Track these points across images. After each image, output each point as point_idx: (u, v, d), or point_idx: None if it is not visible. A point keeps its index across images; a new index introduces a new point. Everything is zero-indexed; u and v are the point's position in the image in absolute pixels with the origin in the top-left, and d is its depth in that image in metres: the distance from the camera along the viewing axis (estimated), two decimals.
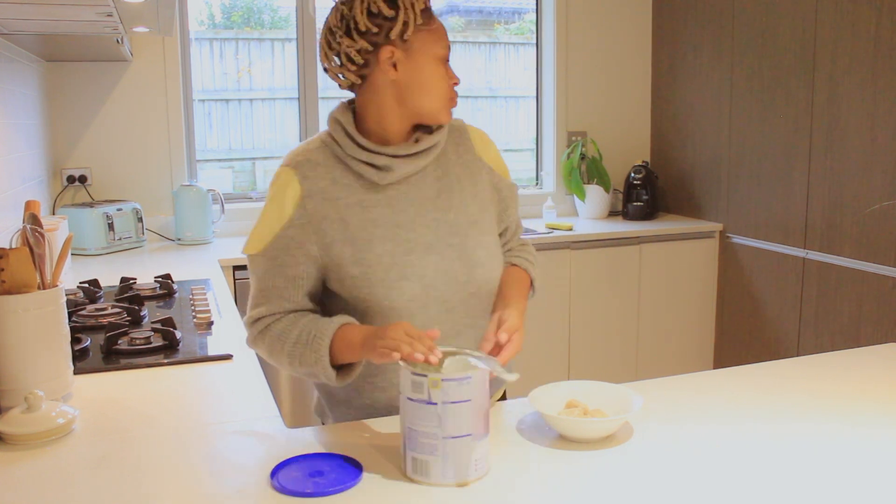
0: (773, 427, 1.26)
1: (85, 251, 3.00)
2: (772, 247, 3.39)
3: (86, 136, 3.31)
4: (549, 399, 1.28)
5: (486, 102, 4.19)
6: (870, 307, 2.92)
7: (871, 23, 2.83)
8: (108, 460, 1.16)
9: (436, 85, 1.29)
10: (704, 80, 3.71)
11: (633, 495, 1.03)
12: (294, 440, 1.22)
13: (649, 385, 1.48)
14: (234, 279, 2.99)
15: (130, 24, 2.19)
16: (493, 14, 4.21)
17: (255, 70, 3.77)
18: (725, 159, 3.62)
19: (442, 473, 1.06)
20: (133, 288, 2.30)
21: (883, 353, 1.67)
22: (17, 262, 1.29)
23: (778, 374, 1.53)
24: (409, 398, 1.06)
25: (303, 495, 1.03)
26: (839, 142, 3.00)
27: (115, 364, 1.62)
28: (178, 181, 3.44)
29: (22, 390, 1.28)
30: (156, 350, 1.69)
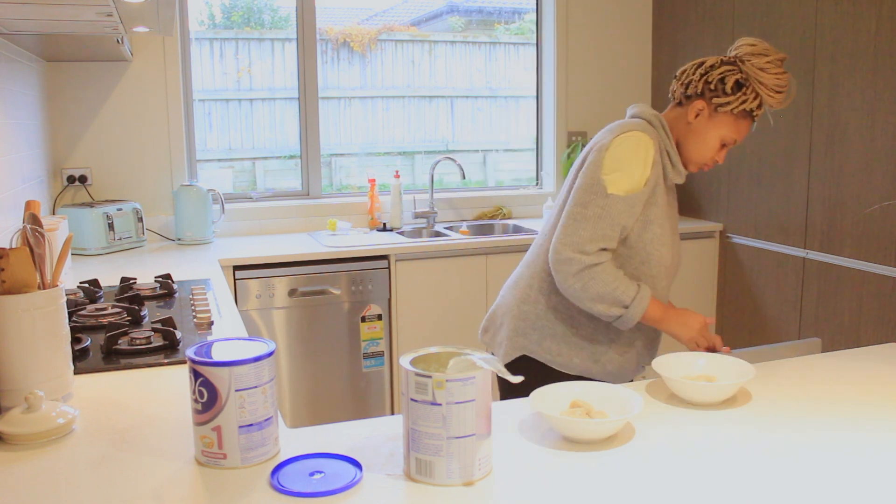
0: (773, 427, 1.26)
1: (85, 251, 3.00)
2: (772, 247, 3.39)
3: (86, 136, 3.31)
4: (552, 400, 1.28)
5: (486, 102, 4.20)
6: (870, 307, 2.92)
7: (871, 23, 2.83)
8: (108, 460, 1.15)
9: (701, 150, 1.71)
10: None
11: (635, 496, 1.03)
12: (294, 440, 1.22)
13: (650, 386, 1.48)
14: (234, 279, 2.99)
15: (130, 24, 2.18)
16: (493, 14, 4.21)
17: (255, 70, 3.77)
18: (725, 159, 3.62)
19: (447, 473, 1.06)
20: (133, 288, 2.30)
21: (883, 353, 1.67)
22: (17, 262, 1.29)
23: (778, 374, 1.53)
24: (412, 399, 1.06)
25: (303, 495, 1.03)
26: (839, 142, 3.00)
27: (115, 364, 1.61)
28: (178, 181, 3.44)
29: (22, 390, 1.27)
30: (156, 350, 1.69)
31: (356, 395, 3.25)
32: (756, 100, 1.65)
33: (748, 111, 1.66)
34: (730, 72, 1.66)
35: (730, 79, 1.65)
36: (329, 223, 3.57)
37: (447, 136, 4.15)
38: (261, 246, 3.25)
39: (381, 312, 3.22)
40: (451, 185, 4.08)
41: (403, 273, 3.23)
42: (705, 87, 1.68)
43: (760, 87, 1.65)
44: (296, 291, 3.09)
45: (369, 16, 4.07)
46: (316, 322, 3.14)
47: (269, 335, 3.07)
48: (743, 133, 1.69)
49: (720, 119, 1.68)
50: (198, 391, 1.10)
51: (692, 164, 1.74)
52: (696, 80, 1.69)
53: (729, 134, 1.68)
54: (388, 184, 3.92)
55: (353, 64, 3.93)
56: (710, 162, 1.72)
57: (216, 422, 1.10)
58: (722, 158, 1.72)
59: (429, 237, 3.67)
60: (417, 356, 1.11)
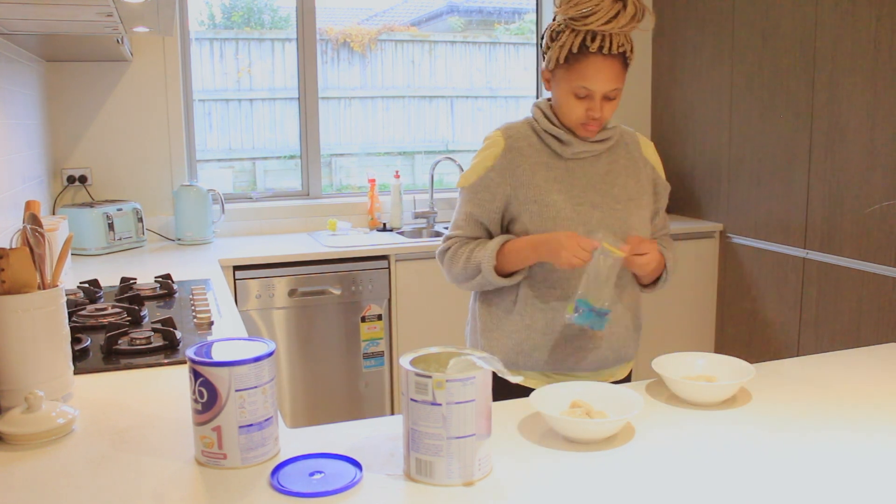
0: (773, 427, 1.26)
1: (85, 251, 3.00)
2: (772, 247, 3.39)
3: (86, 136, 3.31)
4: (552, 400, 1.28)
5: (486, 102, 4.19)
6: (870, 307, 2.92)
7: (871, 23, 2.83)
8: (108, 460, 1.15)
9: (566, 112, 1.62)
10: (704, 80, 3.71)
11: (635, 496, 1.03)
12: (294, 440, 1.22)
13: (650, 386, 1.48)
14: (235, 279, 2.99)
15: (130, 24, 2.18)
16: (493, 14, 4.21)
17: (255, 70, 3.76)
18: (725, 159, 3.62)
19: (447, 474, 1.06)
20: (133, 288, 2.30)
21: (883, 353, 1.67)
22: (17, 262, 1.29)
23: (778, 374, 1.53)
24: (412, 399, 1.06)
25: (303, 495, 1.03)
26: (839, 142, 3.00)
27: (115, 364, 1.61)
28: (178, 181, 3.44)
29: (22, 390, 1.27)
30: (156, 350, 1.69)
31: (356, 395, 3.25)
32: (576, 38, 1.54)
33: (576, 53, 1.54)
34: (549, 27, 1.62)
35: (547, 34, 1.62)
36: (329, 223, 3.57)
37: (447, 136, 4.15)
38: (261, 246, 3.25)
39: (380, 312, 3.22)
40: (451, 185, 4.08)
41: (403, 273, 3.23)
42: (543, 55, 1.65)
43: (571, 23, 1.54)
44: (296, 291, 3.09)
45: (369, 16, 4.07)
46: (316, 322, 3.14)
47: (269, 335, 3.07)
48: (589, 75, 1.55)
49: (559, 75, 1.60)
50: (198, 391, 1.10)
51: (574, 129, 1.63)
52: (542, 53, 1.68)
53: (573, 83, 1.57)
54: (388, 184, 3.92)
55: (353, 64, 3.93)
56: (584, 118, 1.60)
57: (216, 422, 1.10)
58: (597, 110, 1.58)
59: (429, 237, 3.67)
60: (417, 356, 1.11)
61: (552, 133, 1.65)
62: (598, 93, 1.57)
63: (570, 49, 1.55)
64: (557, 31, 1.58)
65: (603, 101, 1.58)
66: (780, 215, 3.32)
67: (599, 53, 1.53)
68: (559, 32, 1.58)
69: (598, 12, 1.51)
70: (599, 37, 1.53)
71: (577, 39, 1.54)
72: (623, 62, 1.57)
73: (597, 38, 1.53)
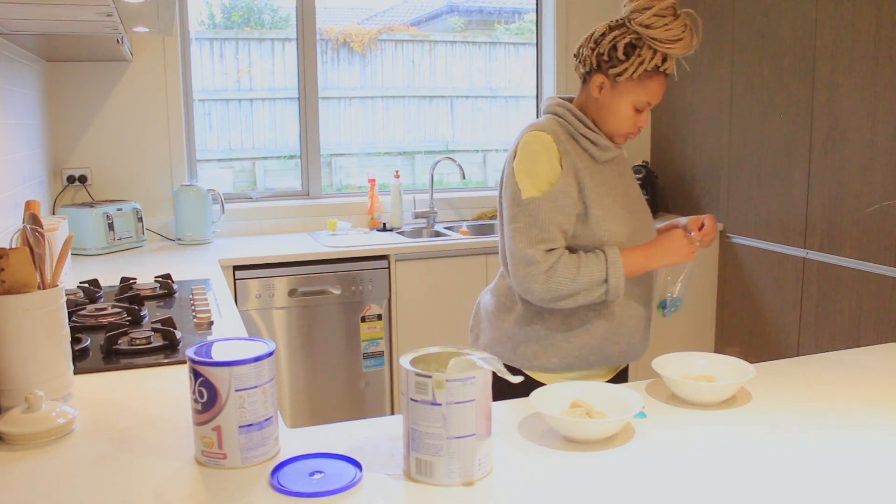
0: (773, 427, 1.26)
1: (85, 251, 3.00)
2: (772, 247, 3.39)
3: (86, 136, 3.31)
4: (552, 400, 1.28)
5: (486, 102, 4.20)
6: (870, 307, 2.92)
7: (871, 23, 2.83)
8: (108, 460, 1.15)
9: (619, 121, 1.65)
10: (704, 80, 3.71)
11: (635, 496, 1.03)
12: (294, 440, 1.22)
13: (650, 386, 1.48)
14: (234, 279, 2.99)
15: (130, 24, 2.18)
16: (493, 14, 4.21)
17: (255, 70, 3.76)
18: (725, 159, 3.62)
19: (447, 473, 1.06)
20: (133, 288, 2.30)
21: (883, 353, 1.66)
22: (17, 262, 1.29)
23: (778, 374, 1.53)
24: (412, 399, 1.06)
25: (303, 495, 1.03)
26: (839, 142, 3.00)
27: (115, 364, 1.61)
28: (178, 181, 3.44)
29: (22, 390, 1.27)
30: (156, 350, 1.69)
31: (356, 395, 3.25)
32: (654, 57, 1.57)
33: (651, 70, 1.59)
34: (619, 37, 1.60)
35: (620, 44, 1.59)
36: (329, 223, 3.57)
37: (447, 136, 4.15)
38: (261, 246, 3.25)
39: (380, 312, 3.22)
40: (451, 185, 4.08)
41: (403, 273, 3.23)
42: (599, 59, 1.62)
43: (654, 42, 1.56)
44: (296, 291, 3.09)
45: (369, 16, 4.07)
46: (316, 322, 3.14)
47: (269, 335, 3.07)
48: (655, 92, 1.62)
49: (623, 87, 1.61)
50: (198, 391, 1.10)
51: (616, 136, 1.68)
52: (590, 55, 1.64)
53: (639, 98, 1.61)
54: (388, 184, 3.92)
55: (353, 64, 3.93)
56: (633, 129, 1.66)
57: (216, 422, 1.10)
58: (645, 122, 1.66)
59: (429, 237, 3.67)
60: (417, 356, 1.11)
61: (591, 138, 1.65)
62: (652, 106, 1.65)
63: (647, 66, 1.58)
64: (634, 45, 1.58)
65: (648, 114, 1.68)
66: (780, 215, 3.32)
67: (664, 73, 1.61)
68: (636, 47, 1.58)
69: (683, 39, 1.57)
70: (671, 59, 1.59)
71: (655, 58, 1.58)
72: None
73: (668, 60, 1.59)
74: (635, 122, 1.65)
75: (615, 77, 1.61)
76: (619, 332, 1.69)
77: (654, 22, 1.56)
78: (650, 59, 1.57)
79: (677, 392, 1.38)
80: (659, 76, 1.60)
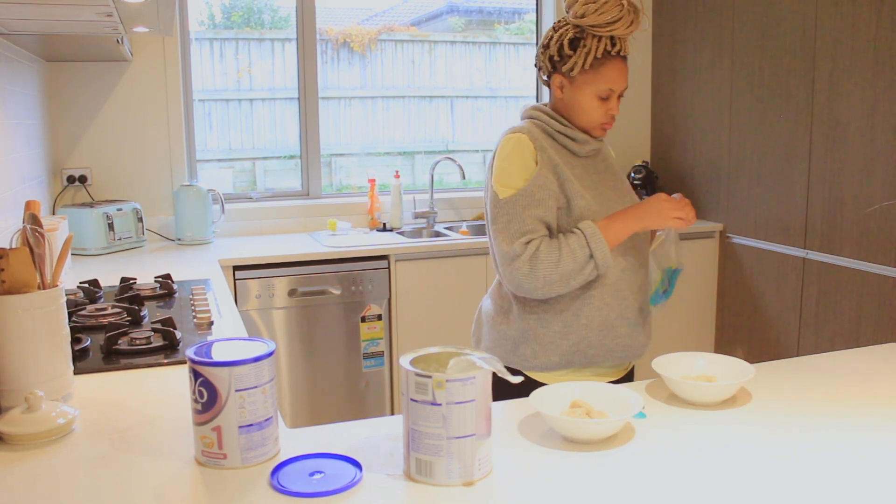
0: (773, 427, 1.26)
1: (85, 251, 3.00)
2: (772, 247, 3.39)
3: (86, 136, 3.31)
4: (552, 400, 1.28)
5: (486, 102, 4.19)
6: (870, 307, 2.92)
7: (871, 23, 2.83)
8: (108, 460, 1.15)
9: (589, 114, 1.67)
10: (704, 80, 3.71)
11: (635, 496, 1.03)
12: (294, 440, 1.22)
13: (650, 386, 1.48)
14: (234, 279, 2.99)
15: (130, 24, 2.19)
16: (493, 14, 4.21)
17: (255, 70, 3.76)
18: (725, 159, 3.62)
19: (447, 474, 1.06)
20: (133, 288, 2.30)
21: (883, 353, 1.67)
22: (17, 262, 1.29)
23: (778, 374, 1.53)
24: (412, 399, 1.06)
25: (303, 495, 1.03)
26: (839, 142, 3.00)
27: (115, 364, 1.61)
28: (178, 181, 3.44)
29: (22, 390, 1.27)
30: (156, 350, 1.69)
31: (356, 395, 3.25)
32: (600, 43, 1.61)
33: (601, 57, 1.62)
34: (562, 35, 1.64)
35: (564, 40, 1.64)
36: (329, 223, 3.57)
37: (447, 136, 4.15)
38: (261, 246, 3.25)
39: (380, 312, 3.22)
40: (451, 185, 4.08)
41: (403, 273, 3.23)
42: (552, 61, 1.67)
43: (594, 30, 1.60)
44: (296, 291, 3.09)
45: (369, 16, 4.07)
46: (316, 322, 3.14)
47: (269, 335, 3.07)
48: (613, 78, 1.64)
49: (580, 80, 1.65)
50: (198, 391, 1.10)
51: (592, 130, 1.70)
52: (543, 59, 1.69)
53: (598, 86, 1.64)
54: (388, 184, 3.92)
55: (353, 64, 3.93)
56: (605, 118, 1.68)
57: (216, 422, 1.10)
58: (615, 109, 1.67)
59: (429, 237, 3.67)
60: (417, 356, 1.11)
61: (567, 133, 1.69)
62: (617, 92, 1.66)
63: (595, 54, 1.61)
64: (577, 38, 1.62)
65: (617, 100, 1.68)
66: (780, 215, 3.32)
67: (618, 56, 1.63)
68: (579, 39, 1.62)
69: (622, 18, 1.59)
70: (619, 41, 1.62)
71: (601, 45, 1.61)
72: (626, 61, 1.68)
73: (617, 43, 1.61)
74: (605, 111, 1.67)
75: (569, 73, 1.65)
76: (616, 324, 1.68)
77: (587, 10, 1.60)
78: (596, 47, 1.61)
79: (677, 392, 1.38)
80: (612, 61, 1.63)
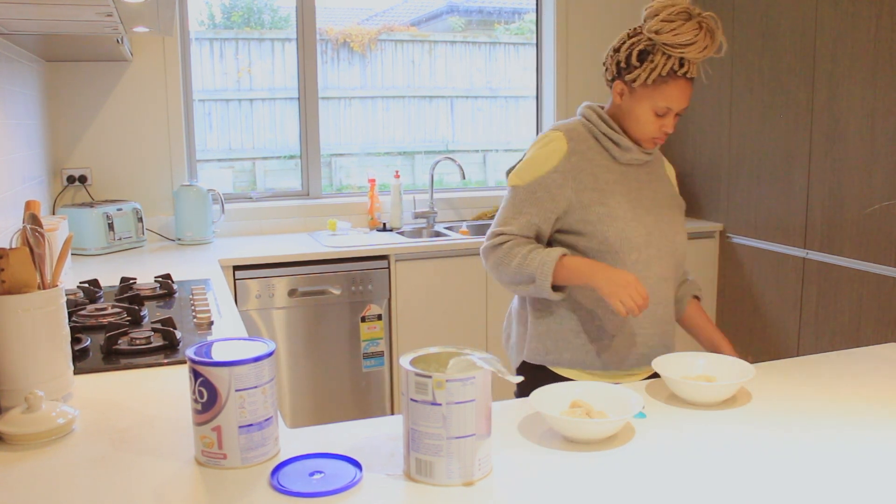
0: (773, 427, 1.26)
1: (85, 251, 3.00)
2: (772, 247, 3.39)
3: (86, 136, 3.31)
4: (552, 400, 1.28)
5: (486, 102, 4.19)
6: (870, 307, 2.92)
7: (871, 23, 2.83)
8: (108, 460, 1.15)
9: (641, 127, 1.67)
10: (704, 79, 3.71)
11: (635, 496, 1.03)
12: (294, 440, 1.22)
13: (650, 386, 1.48)
14: (234, 279, 2.99)
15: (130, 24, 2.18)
16: (493, 14, 4.21)
17: (255, 70, 3.76)
18: (725, 159, 3.62)
19: (447, 474, 1.06)
20: (133, 288, 2.30)
21: (883, 353, 1.67)
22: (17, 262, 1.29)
23: (778, 374, 1.53)
24: (412, 399, 1.06)
25: (303, 495, 1.03)
26: (839, 142, 3.00)
27: (115, 364, 1.61)
28: (178, 181, 3.44)
29: (22, 390, 1.27)
30: (156, 350, 1.69)
31: (356, 395, 3.25)
32: (668, 62, 1.59)
33: (666, 75, 1.60)
34: (635, 44, 1.63)
35: (634, 51, 1.62)
36: (329, 223, 3.57)
37: (447, 136, 4.15)
38: (261, 246, 3.24)
39: (380, 312, 3.22)
40: (451, 185, 4.08)
41: (403, 273, 3.23)
42: (618, 66, 1.66)
43: (666, 48, 1.59)
44: (296, 291, 3.09)
45: (369, 16, 4.07)
46: (316, 322, 3.14)
47: (269, 335, 3.07)
48: (674, 97, 1.62)
49: (640, 92, 1.64)
50: (198, 391, 1.10)
51: (643, 142, 1.70)
52: (611, 63, 1.68)
53: (658, 103, 1.63)
54: (388, 184, 3.92)
55: (353, 64, 3.93)
56: (658, 134, 1.67)
57: (216, 422, 1.10)
58: (671, 126, 1.66)
59: (429, 237, 3.67)
60: (417, 356, 1.11)
61: (612, 137, 1.68)
62: (675, 111, 1.65)
63: (661, 72, 1.60)
64: (647, 52, 1.61)
65: (674, 118, 1.67)
66: (780, 215, 3.32)
67: (684, 77, 1.61)
68: (649, 53, 1.60)
69: (696, 42, 1.58)
70: (688, 63, 1.60)
71: (668, 63, 1.59)
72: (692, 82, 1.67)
73: (685, 64, 1.60)
74: (658, 126, 1.66)
75: (631, 83, 1.64)
76: (632, 331, 1.67)
77: (663, 27, 1.58)
78: (663, 65, 1.59)
79: (677, 392, 1.38)
80: (676, 81, 1.61)
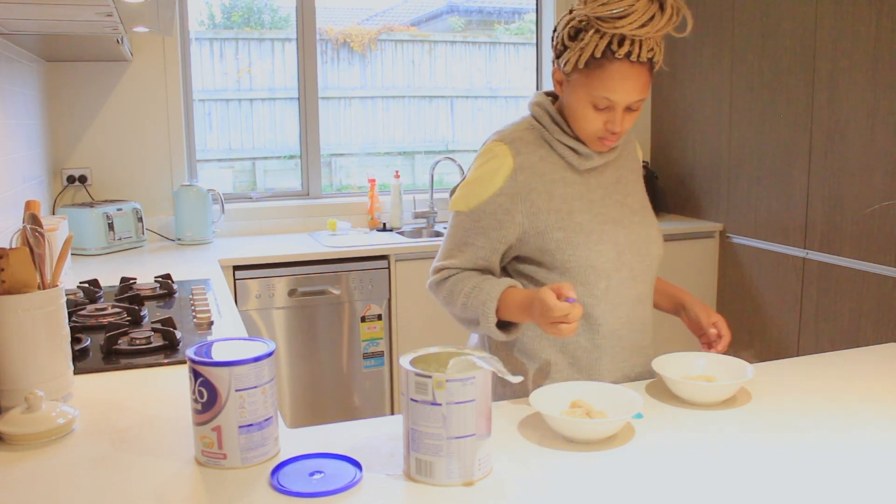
0: (773, 427, 1.26)
1: (85, 251, 3.00)
2: (772, 247, 3.39)
3: (86, 136, 3.31)
4: (552, 400, 1.28)
5: (486, 102, 4.19)
6: (870, 307, 2.92)
7: (871, 23, 2.83)
8: (108, 460, 1.15)
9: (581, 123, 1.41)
10: (704, 80, 3.71)
11: (635, 496, 1.03)
12: (294, 440, 1.22)
13: (650, 386, 1.47)
14: (234, 279, 2.99)
15: (130, 24, 2.18)
16: (493, 14, 4.21)
17: (255, 70, 3.76)
18: (725, 159, 3.62)
19: (447, 474, 1.06)
20: (133, 288, 2.30)
21: (883, 353, 1.66)
22: (17, 262, 1.29)
23: (778, 374, 1.53)
24: (412, 399, 1.06)
25: (303, 495, 1.03)
26: (839, 142, 3.00)
27: (115, 364, 1.61)
28: (178, 181, 3.44)
29: (22, 390, 1.27)
30: (156, 350, 1.69)
31: (356, 395, 3.25)
32: (600, 38, 1.31)
33: (599, 56, 1.32)
34: (568, 21, 1.37)
35: (565, 31, 1.37)
36: (329, 223, 3.57)
37: (447, 136, 4.15)
38: (261, 246, 3.24)
39: (380, 312, 3.22)
40: (451, 185, 4.08)
41: (403, 273, 3.22)
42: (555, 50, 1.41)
43: (598, 23, 1.30)
44: (296, 291, 3.09)
45: (369, 16, 4.07)
46: (316, 322, 3.14)
47: (269, 335, 3.07)
48: (612, 85, 1.33)
49: (575, 80, 1.37)
50: (198, 391, 1.10)
51: (587, 141, 1.43)
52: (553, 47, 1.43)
53: (594, 92, 1.35)
54: (388, 184, 3.92)
55: (353, 64, 3.93)
56: (601, 132, 1.40)
57: (216, 422, 1.10)
58: (618, 124, 1.37)
59: (429, 237, 3.67)
60: (417, 356, 1.11)
61: (568, 144, 1.44)
62: (620, 104, 1.36)
63: (593, 53, 1.33)
64: (578, 30, 1.34)
65: (624, 113, 1.38)
66: (780, 215, 3.32)
67: (626, 60, 1.32)
68: (580, 31, 1.34)
69: (631, 14, 1.29)
70: (628, 41, 1.31)
71: (601, 42, 1.31)
72: (650, 69, 1.36)
73: (625, 43, 1.31)
74: (601, 123, 1.39)
75: (563, 67, 1.38)
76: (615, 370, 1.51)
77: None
78: (595, 44, 1.32)
79: (677, 392, 1.38)
80: (613, 64, 1.32)
